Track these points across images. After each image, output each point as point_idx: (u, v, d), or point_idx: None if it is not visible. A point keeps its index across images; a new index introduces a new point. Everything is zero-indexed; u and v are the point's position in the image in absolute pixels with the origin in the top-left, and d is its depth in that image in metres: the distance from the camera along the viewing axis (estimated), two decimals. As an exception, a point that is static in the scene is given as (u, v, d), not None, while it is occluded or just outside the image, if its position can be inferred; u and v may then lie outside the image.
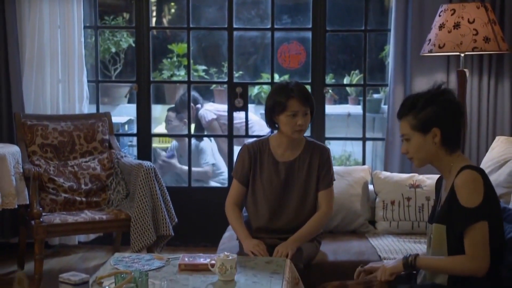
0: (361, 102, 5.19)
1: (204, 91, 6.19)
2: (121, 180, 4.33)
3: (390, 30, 4.59)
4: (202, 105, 5.72)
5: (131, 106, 5.72)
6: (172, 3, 6.65)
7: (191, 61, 5.08)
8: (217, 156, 5.67)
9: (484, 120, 4.43)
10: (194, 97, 5.60)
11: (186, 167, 5.16)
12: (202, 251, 3.70)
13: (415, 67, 4.43)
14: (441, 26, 3.86)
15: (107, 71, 6.01)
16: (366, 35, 4.79)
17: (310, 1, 4.75)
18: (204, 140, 5.68)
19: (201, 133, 5.70)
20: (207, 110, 5.66)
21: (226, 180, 5.21)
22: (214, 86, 6.26)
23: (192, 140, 5.32)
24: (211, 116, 5.61)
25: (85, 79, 4.78)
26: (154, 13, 6.48)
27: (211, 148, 5.68)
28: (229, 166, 4.94)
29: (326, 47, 4.82)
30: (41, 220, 3.90)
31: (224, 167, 5.55)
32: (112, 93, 6.10)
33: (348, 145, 6.13)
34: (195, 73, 6.00)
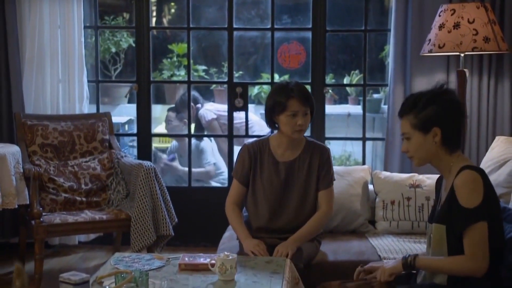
0: (361, 102, 5.18)
1: (204, 91, 6.18)
2: (121, 180, 4.33)
3: (390, 30, 4.59)
4: (202, 105, 5.72)
5: (131, 106, 5.72)
6: (172, 3, 6.65)
7: (191, 61, 5.08)
8: (217, 156, 5.67)
9: (484, 120, 4.43)
10: (194, 97, 5.59)
11: (187, 167, 5.16)
12: (202, 251, 3.70)
13: (415, 67, 4.43)
14: (441, 26, 3.86)
15: (107, 71, 6.01)
16: (366, 35, 4.79)
17: (310, 1, 4.75)
18: (205, 140, 5.68)
19: (201, 133, 5.70)
20: (207, 110, 5.65)
21: (226, 180, 5.21)
22: (214, 86, 6.25)
23: (193, 140, 5.32)
24: (211, 116, 5.60)
25: (85, 79, 4.78)
26: (154, 13, 6.48)
27: (212, 148, 5.68)
28: (229, 166, 4.93)
29: (326, 47, 4.82)
30: (41, 220, 3.90)
31: (224, 167, 5.55)
32: (112, 93, 6.10)
33: (348, 145, 6.13)
34: (195, 73, 6.00)
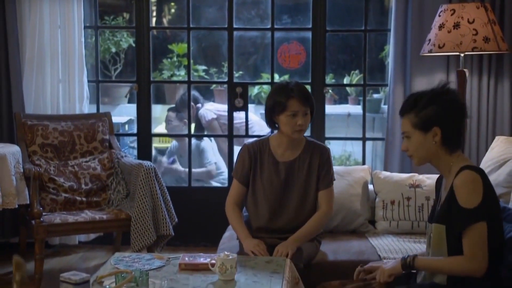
0: (361, 102, 5.18)
1: (204, 91, 6.19)
2: (121, 180, 4.34)
3: (390, 30, 4.59)
4: (203, 105, 5.72)
5: (131, 106, 5.72)
6: (172, 3, 6.65)
7: (191, 61, 5.08)
8: (217, 156, 5.67)
9: (484, 120, 4.43)
10: (195, 96, 5.60)
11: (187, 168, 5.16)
12: (202, 251, 3.70)
13: (415, 67, 4.43)
14: (441, 26, 3.86)
15: (107, 71, 6.01)
16: (366, 35, 4.79)
17: (310, 1, 4.75)
18: (205, 140, 5.68)
19: (201, 133, 5.70)
20: (207, 110, 5.65)
21: (226, 180, 5.21)
22: (214, 86, 6.26)
23: (193, 140, 5.32)
24: (211, 116, 5.61)
25: (85, 79, 4.78)
26: (154, 13, 6.48)
27: (212, 148, 5.68)
28: (229, 166, 4.93)
29: (326, 47, 4.82)
30: (42, 220, 3.90)
31: (224, 167, 5.55)
32: (112, 93, 6.10)
33: (348, 145, 6.13)
34: (195, 73, 6.00)
